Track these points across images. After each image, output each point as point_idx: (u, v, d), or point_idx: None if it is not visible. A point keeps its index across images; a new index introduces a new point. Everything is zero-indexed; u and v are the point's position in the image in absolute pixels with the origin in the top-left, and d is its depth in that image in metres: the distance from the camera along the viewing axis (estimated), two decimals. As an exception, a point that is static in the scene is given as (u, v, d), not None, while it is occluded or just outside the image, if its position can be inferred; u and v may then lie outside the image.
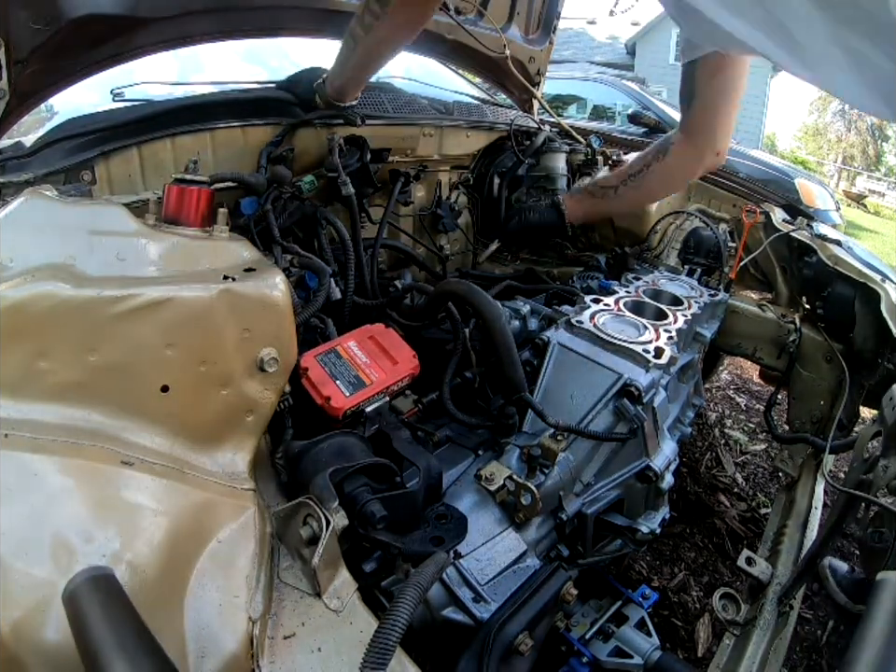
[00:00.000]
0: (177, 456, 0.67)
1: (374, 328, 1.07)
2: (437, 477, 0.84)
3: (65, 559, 0.52)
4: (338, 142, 1.27)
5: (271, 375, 0.75)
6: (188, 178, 0.85)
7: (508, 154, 1.87)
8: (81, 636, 0.41)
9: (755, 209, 1.68)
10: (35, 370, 0.61)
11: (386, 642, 0.48)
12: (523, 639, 0.73)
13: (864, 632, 0.57)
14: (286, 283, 0.77)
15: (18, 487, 0.54)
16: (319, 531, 0.64)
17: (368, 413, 0.92)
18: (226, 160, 1.21)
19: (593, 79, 6.03)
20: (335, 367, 0.96)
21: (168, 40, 1.28)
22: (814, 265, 1.51)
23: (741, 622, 1.09)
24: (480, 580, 0.82)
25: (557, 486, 0.93)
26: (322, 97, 1.28)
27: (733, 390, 2.91)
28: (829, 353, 1.51)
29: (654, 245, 1.79)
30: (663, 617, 1.61)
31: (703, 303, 1.35)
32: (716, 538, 1.90)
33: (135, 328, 0.65)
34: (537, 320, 1.24)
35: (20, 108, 1.06)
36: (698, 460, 2.29)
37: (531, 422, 1.02)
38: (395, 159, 1.55)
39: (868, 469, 0.92)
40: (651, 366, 0.99)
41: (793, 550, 1.23)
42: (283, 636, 0.61)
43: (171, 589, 0.57)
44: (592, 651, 0.90)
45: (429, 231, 1.81)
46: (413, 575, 0.58)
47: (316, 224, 1.27)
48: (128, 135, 1.07)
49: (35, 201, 0.69)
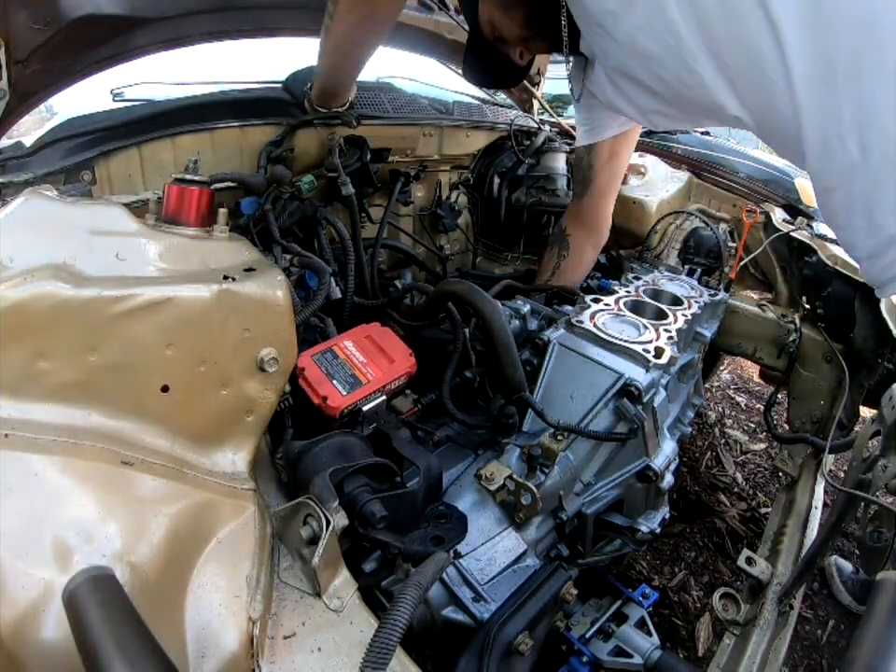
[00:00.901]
0: (177, 456, 0.67)
1: (371, 327, 1.07)
2: (437, 476, 0.84)
3: (65, 559, 0.52)
4: (338, 142, 1.27)
5: (271, 375, 0.75)
6: (188, 178, 0.85)
7: (508, 154, 1.87)
8: (81, 636, 0.41)
9: (755, 209, 1.68)
10: (34, 370, 0.61)
11: (387, 642, 0.48)
12: (523, 639, 0.73)
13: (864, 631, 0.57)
14: (286, 283, 0.77)
15: (18, 487, 0.54)
16: (319, 531, 0.64)
17: (365, 411, 0.93)
18: (226, 160, 1.21)
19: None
20: (332, 366, 0.96)
21: (168, 40, 1.28)
22: (814, 265, 1.51)
23: (741, 621, 1.09)
24: (480, 579, 0.82)
25: (557, 486, 0.93)
26: (309, 102, 1.28)
27: (733, 390, 2.91)
28: (829, 353, 1.51)
29: (654, 245, 1.79)
30: (663, 616, 1.61)
31: (703, 303, 1.35)
32: (716, 537, 1.90)
33: (135, 328, 0.65)
34: (537, 320, 1.24)
35: (20, 108, 1.06)
36: (698, 460, 2.29)
37: (531, 422, 1.02)
38: (395, 159, 1.55)
39: (868, 468, 0.92)
40: (651, 366, 0.99)
41: (793, 549, 1.23)
42: (283, 636, 0.61)
43: (171, 589, 0.57)
44: (592, 650, 0.90)
45: (429, 230, 1.81)
46: (413, 575, 0.58)
47: (316, 224, 1.27)
48: (128, 135, 1.07)
49: (34, 201, 0.69)
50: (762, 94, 0.73)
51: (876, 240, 0.72)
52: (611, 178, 1.38)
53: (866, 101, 0.64)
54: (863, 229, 0.73)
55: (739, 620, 1.09)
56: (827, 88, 0.66)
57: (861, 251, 0.76)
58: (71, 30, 1.00)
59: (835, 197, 0.74)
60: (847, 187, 0.71)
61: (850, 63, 0.64)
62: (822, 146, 0.70)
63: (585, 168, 1.36)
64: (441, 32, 1.78)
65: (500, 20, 1.00)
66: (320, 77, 1.21)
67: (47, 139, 1.01)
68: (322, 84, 1.23)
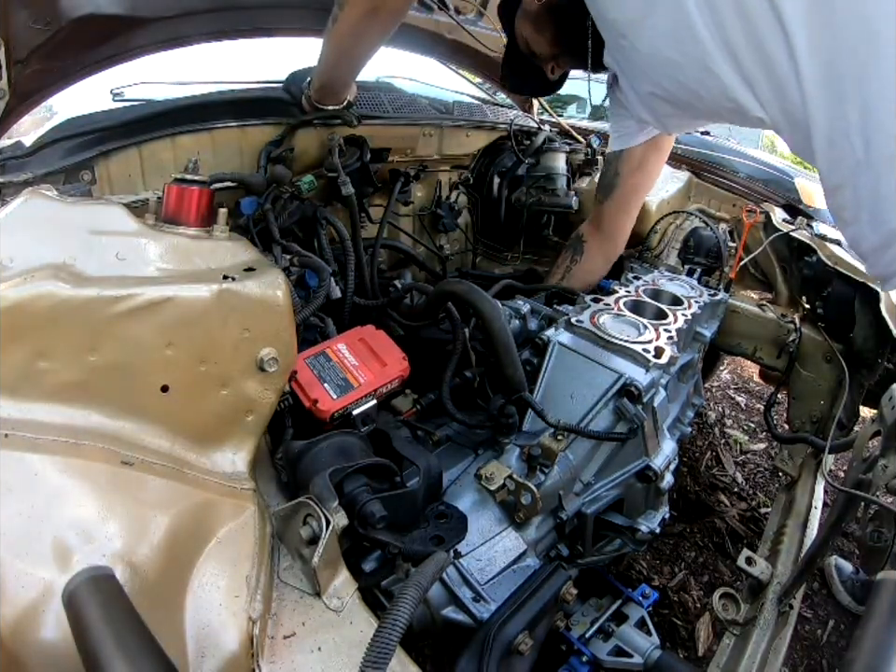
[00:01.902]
0: (177, 456, 0.68)
1: (365, 329, 1.07)
2: (437, 476, 0.84)
3: (65, 559, 0.52)
4: (338, 142, 1.27)
5: (270, 375, 0.75)
6: (187, 178, 0.85)
7: (508, 154, 1.87)
8: (81, 636, 0.41)
9: (755, 209, 1.68)
10: (34, 370, 0.61)
11: (387, 642, 0.48)
12: (523, 639, 0.73)
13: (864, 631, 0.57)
14: (286, 283, 0.77)
15: (18, 487, 0.54)
16: (319, 531, 0.64)
17: (355, 415, 0.93)
18: (226, 160, 1.21)
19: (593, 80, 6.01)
20: (323, 369, 0.96)
21: (168, 40, 1.28)
22: (814, 265, 1.51)
23: (741, 621, 1.09)
24: (480, 579, 0.82)
25: (557, 486, 0.93)
26: (307, 100, 1.27)
27: (733, 390, 2.91)
28: (829, 353, 1.51)
29: (654, 245, 1.78)
30: (663, 616, 1.61)
31: (703, 303, 1.35)
32: (716, 537, 1.90)
33: (135, 327, 0.65)
34: (537, 320, 1.24)
35: (20, 108, 1.06)
36: (698, 460, 2.29)
37: (531, 421, 1.02)
38: (395, 159, 1.55)
39: (867, 468, 0.92)
40: (651, 366, 0.99)
41: (793, 549, 1.23)
42: (283, 635, 0.61)
43: (171, 589, 0.57)
44: (592, 649, 0.90)
45: (429, 230, 1.81)
46: (413, 575, 0.58)
47: (316, 224, 1.27)
48: (128, 135, 1.07)
49: (34, 201, 0.69)
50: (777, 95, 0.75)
51: (881, 234, 0.74)
52: (636, 188, 1.38)
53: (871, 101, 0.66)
54: (868, 223, 0.75)
55: (739, 620, 1.09)
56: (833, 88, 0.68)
57: (867, 246, 0.78)
58: (71, 30, 1.00)
59: (843, 194, 0.76)
60: (854, 183, 0.73)
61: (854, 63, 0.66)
62: (830, 144, 0.72)
63: (611, 174, 1.36)
64: (441, 32, 1.78)
65: (532, 37, 1.10)
66: (321, 73, 1.20)
67: (47, 139, 1.01)
68: (322, 80, 1.22)
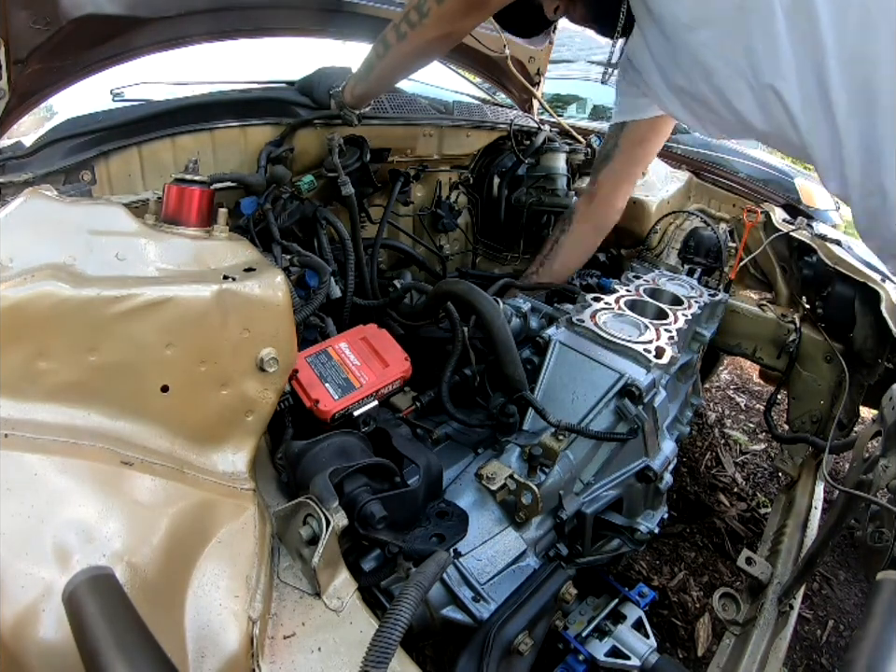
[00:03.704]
0: (177, 456, 0.67)
1: (367, 328, 1.07)
2: (437, 474, 0.84)
3: (65, 559, 0.52)
4: (338, 142, 1.27)
5: (270, 375, 0.75)
6: (187, 178, 0.85)
7: (508, 154, 1.87)
8: (81, 636, 0.41)
9: (755, 209, 1.68)
10: (34, 370, 0.61)
11: (387, 642, 0.48)
12: (522, 639, 0.73)
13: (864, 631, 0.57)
14: (286, 283, 0.77)
15: (18, 487, 0.54)
16: (319, 531, 0.64)
17: (356, 416, 0.93)
18: (226, 160, 1.21)
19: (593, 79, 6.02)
20: (325, 369, 0.95)
21: (168, 40, 1.28)
22: (814, 265, 1.51)
23: (741, 621, 1.09)
24: (480, 579, 0.82)
25: (557, 485, 0.93)
26: (338, 103, 1.25)
27: (733, 390, 2.91)
28: (829, 353, 1.51)
29: (654, 245, 1.79)
30: (662, 616, 1.61)
31: (703, 303, 1.35)
32: (716, 537, 1.90)
33: (135, 327, 0.65)
34: (537, 318, 1.24)
35: (20, 108, 1.06)
36: (698, 460, 2.29)
37: (532, 420, 1.02)
38: (395, 159, 1.55)
39: (868, 468, 0.92)
40: (651, 366, 0.99)
41: (793, 550, 1.23)
42: (283, 636, 0.61)
43: (171, 589, 0.57)
44: (589, 649, 0.90)
45: (429, 230, 1.81)
46: (414, 574, 0.58)
47: (316, 224, 1.27)
48: (128, 135, 1.07)
49: (34, 201, 0.69)
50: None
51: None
52: (632, 163, 1.37)
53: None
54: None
55: (739, 620, 1.09)
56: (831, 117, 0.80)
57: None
58: (71, 30, 1.00)
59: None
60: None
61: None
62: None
63: (609, 147, 1.36)
64: (441, 32, 1.78)
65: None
66: (367, 81, 1.19)
67: (47, 139, 1.01)
68: (366, 88, 1.21)
